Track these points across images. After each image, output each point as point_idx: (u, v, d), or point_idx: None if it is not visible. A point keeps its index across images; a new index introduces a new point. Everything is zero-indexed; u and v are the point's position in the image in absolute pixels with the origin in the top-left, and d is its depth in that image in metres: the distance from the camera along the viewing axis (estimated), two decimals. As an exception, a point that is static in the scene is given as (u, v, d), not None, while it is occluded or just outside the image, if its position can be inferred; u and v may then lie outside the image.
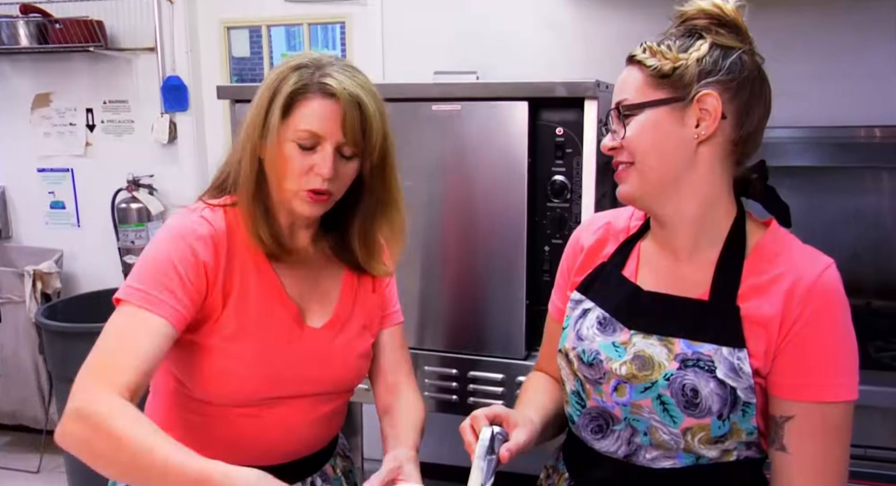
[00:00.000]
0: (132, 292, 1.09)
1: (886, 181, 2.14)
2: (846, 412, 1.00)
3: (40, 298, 3.01)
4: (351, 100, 1.09)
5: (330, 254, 1.28)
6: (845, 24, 2.14)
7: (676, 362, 1.02)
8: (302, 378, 1.19)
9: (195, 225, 1.15)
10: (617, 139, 1.07)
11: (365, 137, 1.11)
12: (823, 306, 0.99)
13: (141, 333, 1.06)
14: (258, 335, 1.16)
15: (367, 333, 1.29)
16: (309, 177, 1.11)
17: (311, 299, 1.23)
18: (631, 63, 1.07)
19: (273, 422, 1.19)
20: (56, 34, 2.85)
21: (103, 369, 1.03)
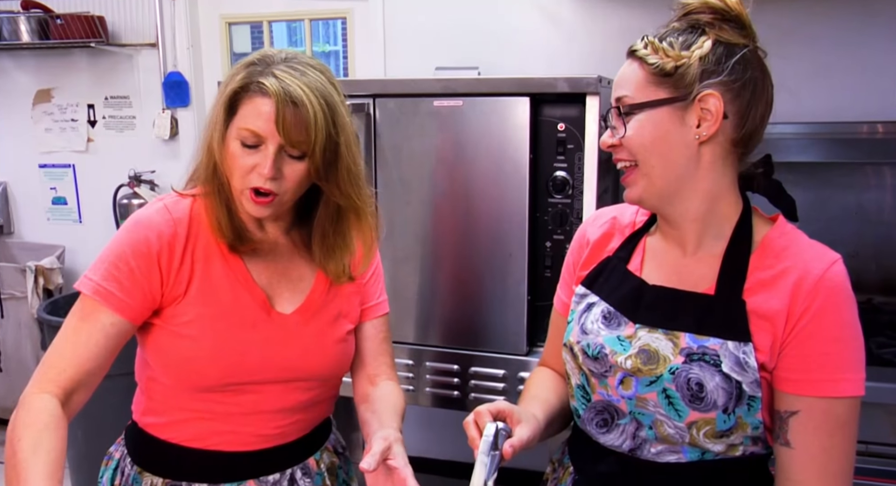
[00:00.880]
0: (86, 282, 1.15)
1: (889, 177, 2.14)
2: (852, 407, 0.99)
3: (42, 293, 3.01)
4: (284, 99, 1.06)
5: (302, 245, 1.27)
6: (848, 20, 2.13)
7: (682, 356, 1.02)
8: (272, 364, 1.20)
9: (154, 215, 1.18)
10: (616, 137, 1.06)
11: (305, 137, 1.09)
12: (830, 301, 0.98)
13: (87, 330, 1.12)
14: (222, 320, 1.17)
15: (343, 320, 1.28)
16: (252, 176, 1.11)
17: (280, 285, 1.23)
18: (632, 57, 1.06)
19: (243, 408, 1.20)
20: (57, 30, 2.85)
21: (45, 367, 1.13)
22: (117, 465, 1.29)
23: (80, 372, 1.11)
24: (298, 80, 1.08)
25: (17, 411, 1.09)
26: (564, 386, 1.24)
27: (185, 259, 1.17)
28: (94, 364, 1.12)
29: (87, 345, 1.12)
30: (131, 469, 1.25)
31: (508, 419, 1.06)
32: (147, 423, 1.25)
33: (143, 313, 1.16)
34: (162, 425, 1.23)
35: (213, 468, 1.21)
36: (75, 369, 1.11)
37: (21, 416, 1.08)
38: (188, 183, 1.24)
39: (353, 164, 1.16)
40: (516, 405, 1.10)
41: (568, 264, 1.26)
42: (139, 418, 1.27)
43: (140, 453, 1.26)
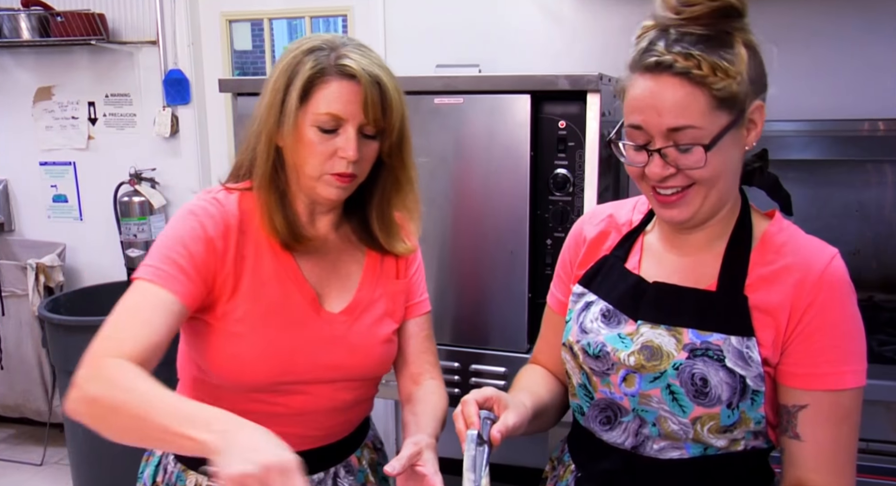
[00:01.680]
0: (143, 268, 1.10)
1: (890, 174, 2.13)
2: (856, 398, 1.01)
3: (43, 291, 3.01)
4: (371, 80, 1.08)
5: (353, 238, 1.26)
6: (849, 17, 2.13)
7: (685, 351, 1.02)
8: (320, 364, 1.19)
9: (208, 206, 1.16)
10: (669, 168, 0.98)
11: (385, 116, 1.11)
12: (833, 295, 0.99)
13: (148, 306, 1.06)
14: (272, 319, 1.16)
15: (389, 319, 1.27)
16: (333, 161, 1.11)
17: (329, 283, 1.22)
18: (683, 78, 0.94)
19: (291, 409, 1.19)
20: (58, 27, 2.85)
21: (110, 340, 1.03)
22: (159, 462, 1.28)
23: (145, 344, 1.02)
24: (370, 59, 1.11)
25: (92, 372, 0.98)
26: (555, 383, 1.24)
27: (237, 253, 1.15)
28: (157, 340, 1.04)
29: (149, 319, 1.05)
30: (174, 467, 1.24)
31: (496, 406, 1.04)
32: None
33: (197, 299, 1.11)
34: None
35: None
36: (140, 339, 1.02)
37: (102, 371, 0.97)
38: (231, 178, 1.23)
39: (410, 136, 1.20)
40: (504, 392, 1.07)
41: (564, 262, 1.25)
42: None
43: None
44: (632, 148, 1.01)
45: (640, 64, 0.97)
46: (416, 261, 1.33)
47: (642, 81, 0.97)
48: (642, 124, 0.98)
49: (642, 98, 0.97)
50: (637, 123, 0.98)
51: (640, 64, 0.98)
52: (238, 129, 2.09)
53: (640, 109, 0.97)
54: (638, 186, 1.06)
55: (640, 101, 0.97)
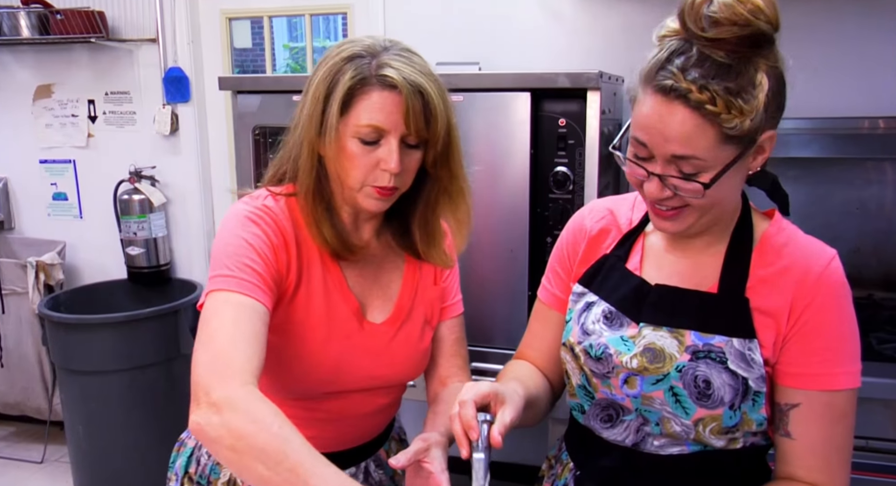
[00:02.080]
0: (223, 280, 1.03)
1: (890, 173, 2.13)
2: (850, 399, 1.01)
3: (43, 289, 3.01)
4: (412, 89, 1.04)
5: (392, 244, 1.24)
6: (848, 14, 2.13)
7: (688, 353, 1.02)
8: (362, 374, 1.18)
9: (262, 213, 1.11)
10: (666, 191, 0.98)
11: (429, 126, 1.06)
12: (831, 296, 1.00)
13: (247, 320, 1.01)
14: (320, 331, 1.14)
15: (428, 327, 1.26)
16: (375, 173, 1.07)
17: (372, 293, 1.21)
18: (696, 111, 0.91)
19: (329, 415, 1.19)
20: (57, 25, 2.84)
21: (228, 360, 0.96)
22: (192, 453, 1.28)
23: (261, 359, 0.99)
24: (412, 67, 1.06)
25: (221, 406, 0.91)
26: (542, 379, 1.22)
27: (295, 260, 1.12)
28: (264, 353, 1.01)
29: (255, 334, 1.00)
30: (208, 460, 1.24)
31: (493, 402, 1.00)
32: None
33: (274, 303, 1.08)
34: None
35: None
36: (258, 357, 0.99)
37: (247, 404, 0.91)
38: (270, 180, 1.19)
39: (460, 143, 1.15)
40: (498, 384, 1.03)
41: (562, 257, 1.23)
42: None
43: None
44: (633, 162, 1.00)
45: (655, 81, 0.94)
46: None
47: (653, 101, 0.94)
48: (647, 143, 0.96)
49: (650, 119, 0.94)
50: (642, 139, 0.97)
51: (654, 80, 0.94)
52: (238, 127, 2.09)
53: (647, 129, 0.95)
54: (637, 192, 1.06)
55: (649, 121, 0.95)
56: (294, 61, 3.16)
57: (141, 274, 2.97)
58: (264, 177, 1.21)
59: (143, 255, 2.95)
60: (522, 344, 1.29)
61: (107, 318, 2.63)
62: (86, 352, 2.64)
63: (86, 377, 2.67)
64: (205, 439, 0.93)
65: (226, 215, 1.13)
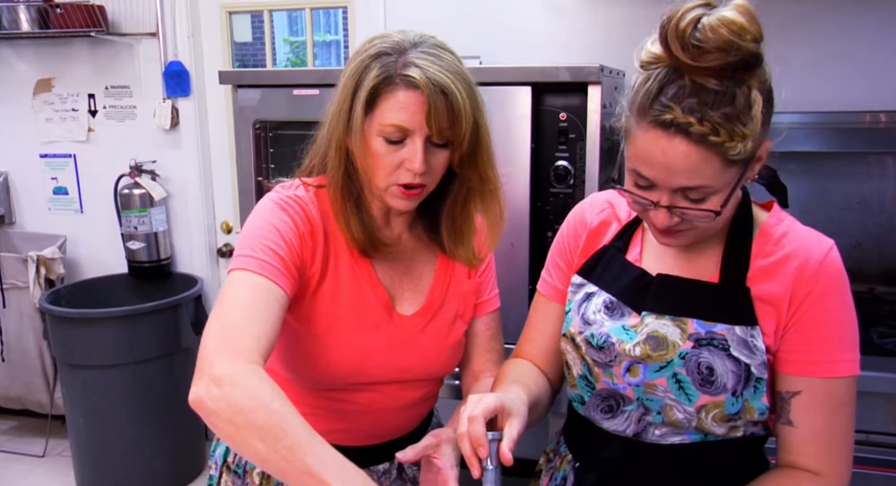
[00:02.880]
0: (245, 259, 1.05)
1: (891, 167, 2.13)
2: (851, 386, 1.02)
3: (44, 283, 3.02)
4: (435, 89, 1.02)
5: (425, 238, 1.24)
6: (849, 8, 2.12)
7: (690, 341, 1.03)
8: (392, 366, 1.18)
9: (293, 202, 1.13)
10: (675, 219, 0.98)
11: (453, 126, 1.05)
12: (830, 284, 1.01)
13: (262, 300, 1.01)
14: (347, 321, 1.15)
15: (460, 321, 1.25)
16: (400, 172, 1.06)
17: (402, 286, 1.21)
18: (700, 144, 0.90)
19: (360, 407, 1.19)
20: (57, 19, 2.84)
21: (236, 337, 0.97)
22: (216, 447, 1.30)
23: (270, 340, 1.00)
24: (439, 66, 1.03)
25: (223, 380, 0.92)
26: (542, 378, 1.22)
27: (322, 250, 1.13)
28: (276, 336, 1.01)
29: (268, 314, 1.01)
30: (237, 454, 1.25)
31: (500, 416, 0.99)
32: None
33: (295, 291, 1.09)
34: None
35: None
36: (268, 338, 0.99)
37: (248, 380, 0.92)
38: (302, 171, 1.20)
39: (491, 143, 1.13)
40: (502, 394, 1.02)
41: (562, 250, 1.23)
42: None
43: None
44: (636, 194, 0.99)
45: (651, 116, 0.92)
46: (487, 259, 1.30)
47: (653, 137, 0.92)
48: (651, 179, 0.96)
49: (652, 154, 0.93)
50: (645, 175, 0.96)
51: (649, 115, 0.92)
52: (238, 121, 2.09)
53: (650, 165, 0.94)
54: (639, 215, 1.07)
55: (650, 156, 0.94)
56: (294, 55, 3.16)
57: (142, 268, 2.97)
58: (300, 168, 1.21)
59: (143, 249, 2.95)
60: (522, 338, 1.29)
61: (108, 312, 2.63)
62: (87, 346, 2.65)
63: (87, 372, 2.68)
64: (204, 411, 0.92)
65: (259, 203, 1.14)
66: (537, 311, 1.27)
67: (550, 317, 1.23)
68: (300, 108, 2.00)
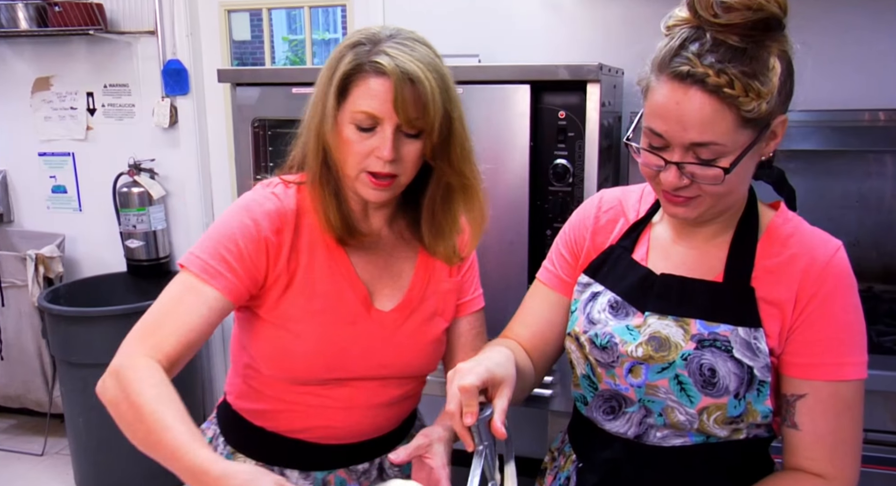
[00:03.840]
0: (193, 259, 1.10)
1: (890, 165, 2.13)
2: (857, 390, 1.01)
3: (43, 282, 3.01)
4: (402, 77, 1.03)
5: (406, 234, 1.25)
6: (849, 6, 2.12)
7: (693, 342, 1.02)
8: (369, 361, 1.18)
9: (263, 200, 1.15)
10: (684, 180, 0.97)
11: (423, 116, 1.06)
12: (836, 286, 1.00)
13: (191, 302, 1.07)
14: (323, 315, 1.15)
15: (439, 319, 1.25)
16: (370, 160, 1.08)
17: (381, 281, 1.21)
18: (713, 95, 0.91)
19: (339, 403, 1.19)
20: (55, 17, 2.83)
21: (148, 333, 1.05)
22: (209, 441, 1.29)
23: (181, 343, 1.05)
24: (411, 55, 1.05)
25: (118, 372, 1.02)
26: (528, 360, 1.20)
27: (292, 249, 1.14)
28: (195, 337, 1.07)
29: (189, 316, 1.06)
30: (224, 449, 1.26)
31: (490, 387, 0.97)
32: (242, 407, 1.25)
33: (244, 295, 1.13)
34: (257, 411, 1.23)
35: (305, 457, 1.22)
36: (178, 338, 1.05)
37: (131, 374, 1.00)
38: (287, 169, 1.21)
39: (466, 139, 1.14)
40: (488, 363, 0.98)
41: (567, 241, 1.22)
42: (234, 401, 1.27)
43: (234, 434, 1.26)
44: (648, 152, 0.99)
45: (670, 68, 0.93)
46: (470, 259, 1.30)
47: (669, 89, 0.93)
48: (664, 134, 0.96)
49: (667, 107, 0.94)
50: (658, 130, 0.96)
51: (668, 67, 0.93)
52: (237, 119, 2.09)
53: (664, 118, 0.95)
54: (648, 183, 1.06)
55: (665, 109, 0.94)
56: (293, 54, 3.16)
57: (140, 267, 2.97)
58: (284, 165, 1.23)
59: (142, 248, 2.94)
60: (512, 321, 1.26)
61: (106, 311, 2.63)
62: (86, 345, 2.65)
63: (86, 370, 2.67)
64: (102, 400, 1.02)
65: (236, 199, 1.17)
66: (534, 296, 1.26)
67: (548, 304, 1.22)
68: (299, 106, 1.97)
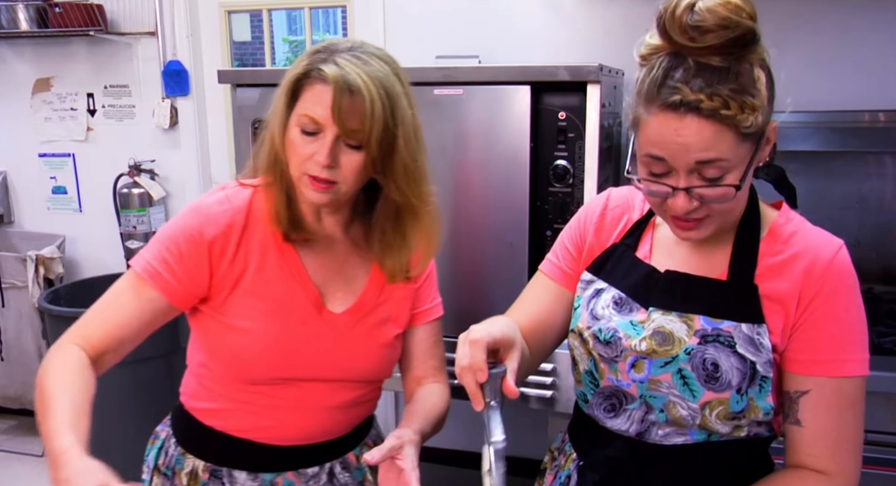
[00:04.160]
0: (138, 259, 1.17)
1: (890, 166, 2.13)
2: (859, 387, 1.02)
3: (43, 283, 3.01)
4: (343, 87, 1.05)
5: (361, 242, 1.25)
6: (849, 7, 2.12)
7: (696, 337, 1.03)
8: (319, 362, 1.19)
9: (213, 204, 1.18)
10: (694, 203, 0.97)
11: (363, 127, 1.07)
12: (839, 284, 1.01)
13: (127, 300, 1.15)
14: (273, 315, 1.17)
15: (392, 324, 1.26)
16: (310, 163, 1.10)
17: (334, 284, 1.22)
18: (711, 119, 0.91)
19: (288, 403, 1.20)
20: (56, 18, 2.84)
21: (83, 324, 1.15)
22: (162, 445, 1.31)
23: (111, 337, 1.14)
24: (360, 68, 1.07)
25: (45, 358, 1.11)
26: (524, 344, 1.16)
27: (239, 250, 1.17)
28: (126, 334, 1.15)
29: (123, 312, 1.15)
30: (175, 450, 1.27)
31: (502, 349, 0.99)
32: (193, 407, 1.26)
33: (187, 298, 1.17)
34: (208, 411, 1.24)
35: (254, 457, 1.22)
36: (108, 333, 1.14)
37: (50, 361, 1.10)
38: (248, 171, 1.23)
39: (411, 160, 1.13)
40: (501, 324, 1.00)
41: (573, 234, 1.23)
42: (187, 401, 1.28)
43: (185, 435, 1.28)
44: (651, 182, 0.99)
45: (660, 100, 0.93)
46: (428, 269, 1.31)
47: (664, 119, 0.93)
48: (666, 158, 0.95)
49: (666, 135, 0.94)
50: (659, 155, 0.96)
51: (658, 99, 0.93)
52: (238, 120, 2.09)
53: (664, 146, 0.94)
54: (654, 211, 1.06)
55: (664, 138, 0.94)
56: (293, 55, 3.15)
57: (141, 268, 2.97)
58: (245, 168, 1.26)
59: (142, 249, 2.94)
60: (511, 309, 1.25)
61: (107, 312, 2.63)
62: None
63: (86, 371, 2.67)
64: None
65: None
66: (534, 286, 1.26)
67: (547, 294, 1.22)
68: (299, 107, 1.99)
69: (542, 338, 1.21)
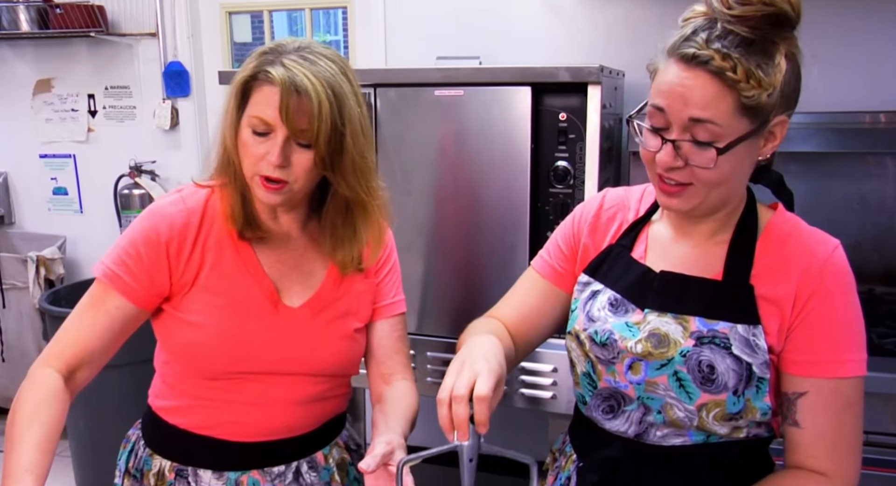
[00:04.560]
0: (100, 266, 1.19)
1: (891, 167, 2.13)
2: (857, 387, 1.02)
3: (44, 284, 3.01)
4: (289, 87, 1.06)
5: (317, 237, 1.27)
6: (850, 8, 2.12)
7: (692, 339, 1.03)
8: (277, 356, 1.20)
9: (168, 205, 1.21)
10: (679, 161, 0.99)
11: (309, 126, 1.08)
12: (835, 284, 1.01)
13: (94, 313, 1.18)
14: (228, 310, 1.19)
15: (352, 318, 1.27)
16: (262, 163, 1.11)
17: (290, 279, 1.24)
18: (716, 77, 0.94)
19: (248, 398, 1.21)
20: (57, 19, 2.84)
21: (55, 341, 1.18)
22: (132, 447, 1.32)
23: (83, 350, 1.16)
24: (306, 69, 1.08)
25: (22, 384, 1.15)
26: (511, 343, 1.20)
27: (195, 249, 1.19)
28: (98, 344, 1.17)
29: (91, 325, 1.17)
30: (143, 452, 1.28)
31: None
32: (158, 406, 1.28)
33: (151, 299, 1.19)
34: (171, 409, 1.25)
35: (218, 455, 1.22)
36: (79, 347, 1.16)
37: (24, 389, 1.14)
38: (206, 173, 1.25)
39: (360, 156, 1.15)
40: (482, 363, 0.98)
41: (566, 233, 1.23)
42: (153, 401, 1.30)
43: (152, 435, 1.29)
44: (648, 131, 1.01)
45: (678, 51, 0.97)
46: (389, 263, 1.32)
47: (675, 68, 0.97)
48: (665, 108, 0.98)
49: (671, 84, 0.97)
50: (661, 105, 0.98)
51: (677, 50, 0.97)
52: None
53: (667, 94, 0.97)
54: (647, 169, 1.06)
55: (669, 86, 0.97)
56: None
57: (141, 269, 2.97)
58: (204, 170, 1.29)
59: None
60: (500, 301, 1.27)
61: (107, 312, 2.63)
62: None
63: (86, 372, 2.67)
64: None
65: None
66: (524, 282, 1.27)
67: (536, 290, 1.23)
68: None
69: (527, 333, 1.23)
